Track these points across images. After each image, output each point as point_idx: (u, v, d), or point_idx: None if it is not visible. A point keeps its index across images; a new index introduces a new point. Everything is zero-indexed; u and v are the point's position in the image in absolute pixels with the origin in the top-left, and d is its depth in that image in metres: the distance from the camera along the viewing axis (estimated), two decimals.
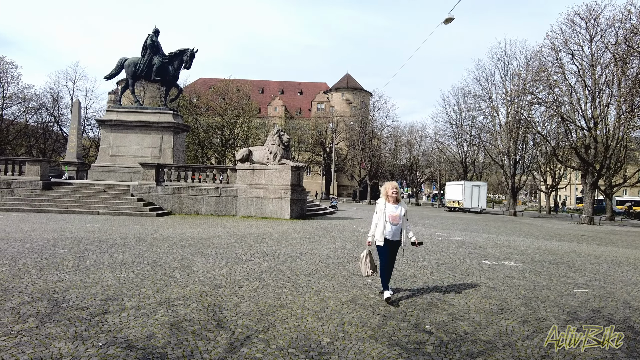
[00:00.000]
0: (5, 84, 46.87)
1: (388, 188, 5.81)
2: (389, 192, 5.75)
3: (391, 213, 5.61)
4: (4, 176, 19.90)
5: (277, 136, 19.98)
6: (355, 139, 58.72)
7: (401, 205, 5.73)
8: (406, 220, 5.76)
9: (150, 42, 24.57)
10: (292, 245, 10.63)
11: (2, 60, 46.62)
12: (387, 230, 5.58)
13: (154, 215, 17.35)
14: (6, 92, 47.09)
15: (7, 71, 46.84)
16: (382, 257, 5.71)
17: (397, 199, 5.72)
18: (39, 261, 7.47)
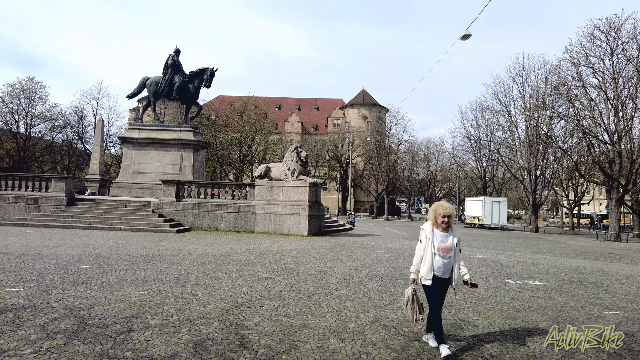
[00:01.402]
0: (34, 103, 48.75)
1: (438, 211, 4.58)
2: (439, 217, 4.56)
3: (441, 244, 4.50)
4: (31, 192, 20.52)
5: (295, 153, 20.13)
6: (372, 154, 58.66)
7: (453, 233, 4.59)
8: (459, 251, 4.63)
9: (172, 62, 25.23)
10: (311, 262, 10.60)
11: (31, 80, 48.59)
12: (436, 265, 4.48)
13: (174, 232, 17.57)
14: (34, 111, 48.90)
15: (36, 91, 48.75)
16: (431, 300, 4.61)
17: (449, 225, 4.57)
18: (64, 277, 7.63)
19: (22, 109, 48.07)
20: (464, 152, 52.42)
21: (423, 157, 62.58)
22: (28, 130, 48.91)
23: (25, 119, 48.46)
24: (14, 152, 46.81)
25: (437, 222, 4.59)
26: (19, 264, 8.88)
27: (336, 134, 71.78)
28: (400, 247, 15.53)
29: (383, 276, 9.02)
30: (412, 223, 45.47)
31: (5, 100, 47.13)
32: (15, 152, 46.78)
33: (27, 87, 48.05)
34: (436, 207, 4.65)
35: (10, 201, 20.14)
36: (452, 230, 4.63)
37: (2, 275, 7.62)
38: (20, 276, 7.62)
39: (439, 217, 4.56)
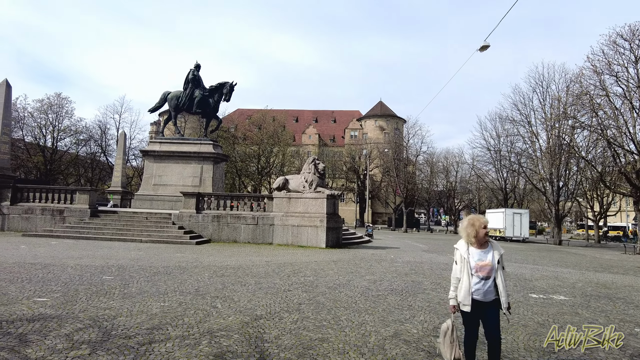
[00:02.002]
0: (60, 117, 50.51)
1: (472, 226, 4.05)
2: (474, 232, 4.02)
3: (479, 261, 3.97)
4: (57, 205, 21.10)
5: (312, 165, 20.22)
6: (390, 166, 58.34)
7: (493, 248, 4.05)
8: (502, 269, 4.01)
9: (192, 77, 25.85)
10: (330, 275, 10.56)
11: (58, 96, 50.43)
12: (473, 287, 3.92)
13: (194, 243, 17.78)
14: (61, 125, 50.63)
15: (62, 106, 50.52)
16: (466, 327, 4.07)
17: (486, 239, 4.06)
18: (88, 288, 7.80)
19: (50, 123, 49.87)
20: (484, 163, 51.69)
21: (442, 168, 61.87)
22: (55, 144, 50.62)
23: (52, 133, 50.20)
24: (41, 165, 48.37)
25: (472, 238, 4.04)
26: (45, 274, 9.12)
27: (353, 145, 71.81)
28: (420, 260, 15.34)
29: (403, 290, 8.92)
30: (432, 235, 44.86)
31: (34, 116, 48.98)
32: (42, 165, 48.34)
33: (55, 102, 49.89)
34: (469, 221, 4.10)
35: (37, 213, 20.75)
36: (491, 245, 4.07)
37: (30, 285, 7.84)
38: (47, 286, 7.82)
39: (474, 232, 4.03)
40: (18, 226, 20.63)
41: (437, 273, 11.90)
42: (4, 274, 8.96)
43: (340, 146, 79.40)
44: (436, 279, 10.66)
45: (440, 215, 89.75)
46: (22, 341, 4.78)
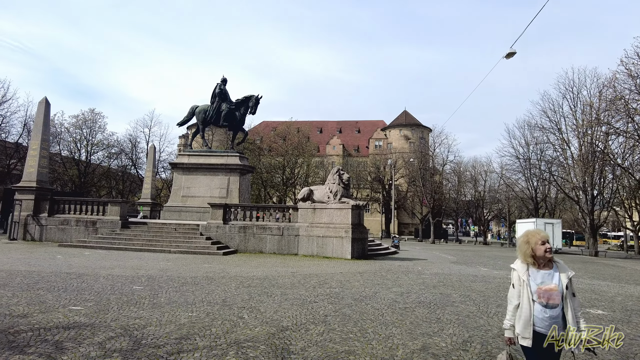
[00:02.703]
0: (94, 132, 52.64)
1: (533, 241, 3.41)
2: (535, 249, 3.38)
3: (542, 286, 3.32)
4: (90, 216, 21.88)
5: (337, 175, 20.22)
6: (416, 175, 57.67)
7: (559, 268, 3.40)
8: (572, 296, 3.34)
9: (219, 91, 26.46)
10: (356, 287, 10.47)
11: (92, 112, 52.66)
12: (536, 317, 3.29)
13: (221, 254, 18.01)
14: (94, 139, 52.75)
15: (96, 121, 52.66)
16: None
17: (550, 258, 3.41)
18: (119, 297, 8.01)
19: (84, 138, 52.03)
20: (513, 171, 50.37)
21: (470, 177, 60.68)
22: (88, 158, 52.68)
23: (86, 147, 52.31)
24: (76, 178, 50.33)
25: (528, 257, 3.42)
26: (79, 283, 9.44)
27: (378, 155, 71.42)
28: (448, 272, 15.02)
29: (431, 302, 8.74)
30: (460, 246, 43.89)
31: (70, 131, 51.29)
32: (77, 178, 50.30)
33: (89, 117, 52.11)
34: (524, 238, 3.48)
35: (72, 224, 21.56)
36: (557, 266, 3.41)
37: (65, 294, 8.12)
38: (81, 295, 8.08)
39: (530, 250, 3.39)
40: (54, 237, 21.48)
41: (466, 285, 11.62)
42: (42, 283, 9.33)
43: (364, 156, 79.20)
44: (465, 292, 10.41)
45: (469, 225, 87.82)
46: (59, 348, 4.95)
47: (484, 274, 14.88)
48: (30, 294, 8.05)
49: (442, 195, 57.33)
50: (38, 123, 23.57)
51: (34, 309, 6.89)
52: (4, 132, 44.28)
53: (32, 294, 8.12)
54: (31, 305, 7.14)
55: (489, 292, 10.58)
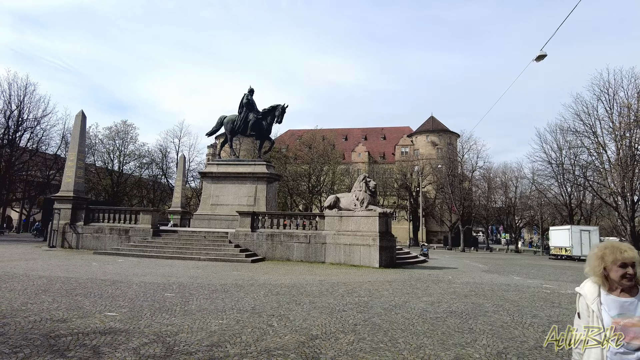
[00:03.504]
0: (126, 143, 54.63)
1: (610, 258, 2.49)
2: (614, 269, 2.47)
3: (620, 319, 2.44)
4: (123, 224, 22.57)
5: (363, 182, 20.13)
6: (444, 182, 56.70)
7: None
8: None
9: (246, 101, 26.93)
10: (385, 296, 10.35)
11: (124, 123, 54.70)
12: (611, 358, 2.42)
13: (249, 262, 18.19)
14: (126, 150, 54.68)
15: (128, 132, 54.65)
16: None
17: (635, 282, 2.46)
18: (152, 304, 8.19)
19: (117, 148, 54.06)
20: (545, 177, 48.75)
21: (500, 183, 59.14)
22: (121, 168, 54.61)
23: (119, 158, 54.28)
24: (109, 188, 52.19)
25: (599, 276, 2.54)
26: (114, 290, 9.72)
27: (404, 162, 70.68)
28: (480, 281, 14.64)
29: (463, 312, 8.53)
30: (492, 255, 42.74)
31: (104, 142, 53.36)
32: (110, 188, 52.15)
33: (121, 129, 54.16)
34: (606, 250, 2.53)
35: (106, 232, 22.31)
36: None
37: (101, 300, 8.39)
38: (116, 302, 8.32)
39: (610, 270, 2.48)
40: (90, 244, 22.25)
41: (499, 295, 11.28)
42: (79, 289, 9.67)
43: (390, 163, 78.56)
44: (498, 301, 10.11)
45: (500, 233, 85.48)
46: (96, 352, 5.11)
47: (517, 283, 14.42)
48: (69, 300, 8.36)
49: (472, 202, 56.09)
50: (75, 135, 24.60)
51: (73, 314, 7.14)
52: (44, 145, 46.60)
53: (70, 299, 8.42)
54: (70, 310, 7.41)
55: (523, 302, 10.24)
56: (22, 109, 43.31)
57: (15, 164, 43.91)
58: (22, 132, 44.24)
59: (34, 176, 49.43)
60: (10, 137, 43.26)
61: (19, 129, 43.80)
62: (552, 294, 11.84)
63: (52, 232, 23.28)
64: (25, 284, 10.31)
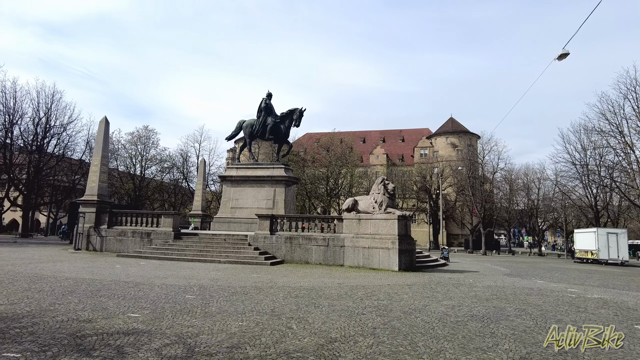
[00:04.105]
0: (148, 148, 55.77)
1: None
2: None
3: None
4: (145, 228, 23.04)
5: (382, 185, 20.03)
6: (465, 184, 55.86)
7: None
8: None
9: (265, 105, 27.21)
10: (404, 300, 10.27)
11: (146, 128, 55.89)
12: None
13: (268, 264, 18.32)
14: (148, 154, 55.82)
15: (149, 137, 55.78)
16: None
17: None
18: (173, 306, 8.34)
19: (139, 153, 55.22)
20: (569, 178, 47.55)
21: (522, 185, 57.92)
22: (142, 172, 55.76)
23: (141, 162, 55.43)
24: (131, 192, 53.36)
25: None
26: (137, 292, 9.94)
27: (423, 164, 70.02)
28: (501, 285, 14.37)
29: (484, 316, 8.39)
30: (514, 258, 41.88)
31: (126, 147, 54.63)
32: (132, 192, 53.31)
33: (143, 134, 55.36)
34: None
35: (129, 235, 22.81)
36: None
37: (124, 302, 8.58)
38: (138, 303, 8.50)
39: None
40: (113, 247, 22.78)
41: (522, 298, 11.05)
42: (104, 291, 9.92)
43: (409, 165, 77.98)
44: (520, 305, 9.90)
45: (522, 236, 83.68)
46: (120, 352, 5.23)
47: (541, 287, 14.09)
48: (94, 301, 8.58)
49: (493, 205, 55.09)
50: (99, 141, 25.31)
51: (97, 314, 7.34)
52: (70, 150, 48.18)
53: (95, 300, 8.65)
54: (95, 311, 7.61)
55: (547, 306, 10.00)
56: (50, 116, 45.00)
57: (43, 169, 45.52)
58: (49, 138, 45.96)
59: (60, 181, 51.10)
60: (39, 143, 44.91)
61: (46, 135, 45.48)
62: (578, 299, 11.52)
63: (77, 235, 23.96)
64: (53, 285, 10.64)
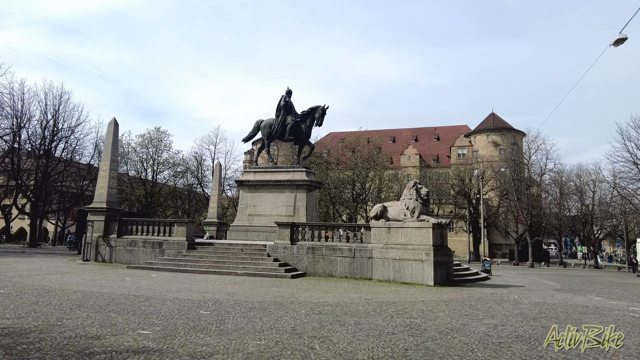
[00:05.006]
0: (160, 151, 57.14)
1: None
2: None
3: None
4: (157, 237, 23.55)
5: (414, 189, 19.84)
6: (508, 188, 54.83)
7: None
8: None
9: (284, 103, 27.42)
10: (440, 318, 10.12)
11: (157, 130, 57.29)
12: None
13: (289, 277, 18.42)
14: (160, 158, 57.17)
15: (161, 140, 57.16)
16: None
17: None
18: (186, 323, 8.48)
19: (150, 157, 56.66)
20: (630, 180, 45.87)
21: (574, 188, 56.39)
22: (154, 177, 57.16)
23: (153, 167, 56.85)
24: (142, 198, 54.74)
25: None
26: (147, 307, 10.16)
27: (461, 165, 69.11)
28: (551, 302, 13.98)
29: (531, 337, 8.17)
30: (566, 271, 40.69)
31: (137, 150, 56.11)
32: (143, 198, 54.68)
33: (155, 136, 56.77)
34: None
35: (139, 245, 23.36)
36: None
37: (134, 317, 8.79)
38: (149, 319, 8.69)
39: None
40: (123, 258, 23.38)
41: (575, 318, 10.71)
42: (113, 305, 10.19)
43: (445, 167, 77.08)
44: (574, 324, 9.59)
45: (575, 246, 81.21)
46: None
47: (597, 305, 13.62)
48: (103, 316, 8.82)
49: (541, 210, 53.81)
50: (107, 144, 26.07)
51: (106, 331, 7.54)
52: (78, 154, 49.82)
53: (104, 315, 8.89)
54: (103, 327, 7.82)
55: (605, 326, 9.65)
56: (57, 119, 46.69)
57: (51, 174, 47.21)
58: (57, 142, 47.66)
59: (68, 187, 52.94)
60: (47, 147, 46.63)
61: (54, 139, 47.16)
62: None
63: (85, 245, 24.71)
64: (60, 298, 11.00)
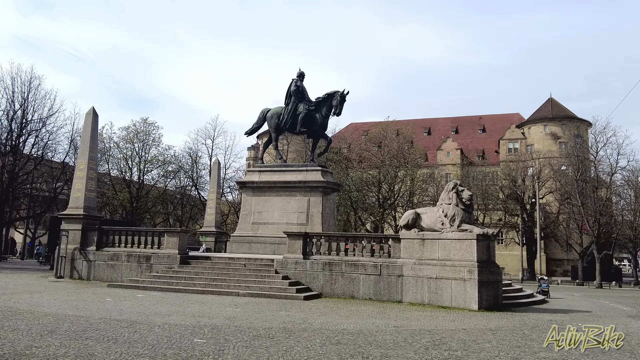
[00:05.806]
0: (147, 146, 57.72)
1: None
2: None
3: None
4: (144, 250, 23.85)
5: (453, 193, 19.72)
6: (571, 190, 54.05)
7: None
8: None
9: (295, 88, 27.29)
10: (486, 350, 10.02)
11: (144, 122, 57.99)
12: None
13: (301, 298, 18.47)
14: (147, 155, 57.78)
15: (149, 133, 57.83)
16: None
17: None
18: (177, 353, 8.55)
19: (136, 153, 57.27)
20: None
21: None
22: (141, 177, 57.81)
23: (139, 165, 57.50)
24: (127, 203, 55.44)
25: None
26: (131, 333, 10.28)
27: (513, 162, 68.40)
28: (625, 331, 13.70)
29: None
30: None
31: (120, 146, 56.79)
32: (128, 203, 55.36)
33: (141, 129, 57.40)
34: None
35: (123, 259, 23.69)
36: None
37: (115, 346, 8.90)
38: (133, 348, 8.78)
39: None
40: (103, 275, 23.74)
41: None
42: (90, 331, 10.34)
43: (493, 164, 76.42)
44: None
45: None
46: None
47: None
48: (78, 344, 8.95)
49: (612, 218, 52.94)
50: (85, 138, 26.48)
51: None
52: (51, 151, 50.36)
53: (80, 344, 9.02)
54: (79, 357, 7.93)
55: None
56: (26, 108, 47.29)
57: (19, 174, 47.93)
58: (26, 136, 48.29)
59: (39, 189, 53.81)
60: (13, 143, 47.35)
61: (22, 133, 47.81)
62: None
63: (59, 259, 25.12)
64: (29, 322, 11.22)
